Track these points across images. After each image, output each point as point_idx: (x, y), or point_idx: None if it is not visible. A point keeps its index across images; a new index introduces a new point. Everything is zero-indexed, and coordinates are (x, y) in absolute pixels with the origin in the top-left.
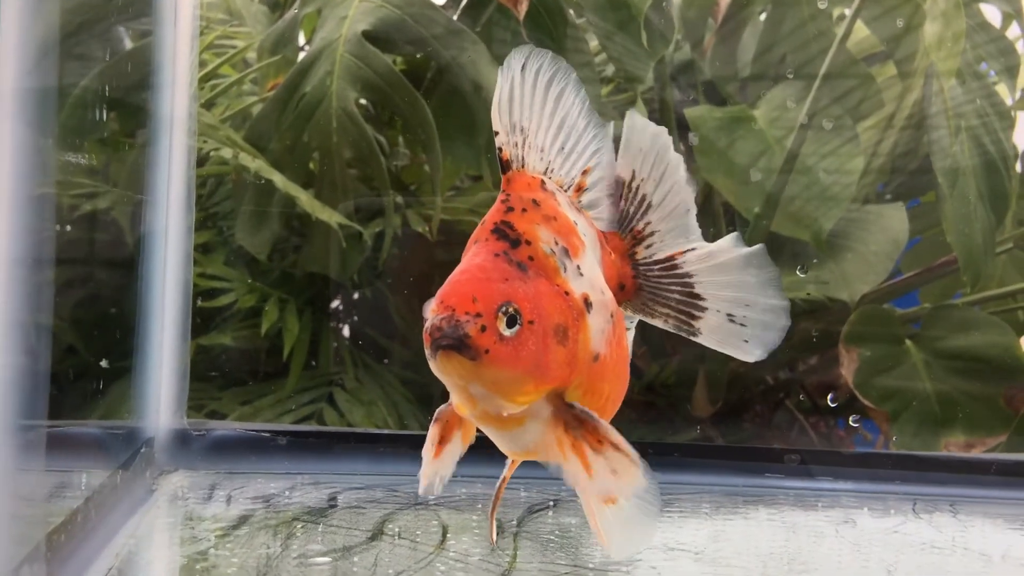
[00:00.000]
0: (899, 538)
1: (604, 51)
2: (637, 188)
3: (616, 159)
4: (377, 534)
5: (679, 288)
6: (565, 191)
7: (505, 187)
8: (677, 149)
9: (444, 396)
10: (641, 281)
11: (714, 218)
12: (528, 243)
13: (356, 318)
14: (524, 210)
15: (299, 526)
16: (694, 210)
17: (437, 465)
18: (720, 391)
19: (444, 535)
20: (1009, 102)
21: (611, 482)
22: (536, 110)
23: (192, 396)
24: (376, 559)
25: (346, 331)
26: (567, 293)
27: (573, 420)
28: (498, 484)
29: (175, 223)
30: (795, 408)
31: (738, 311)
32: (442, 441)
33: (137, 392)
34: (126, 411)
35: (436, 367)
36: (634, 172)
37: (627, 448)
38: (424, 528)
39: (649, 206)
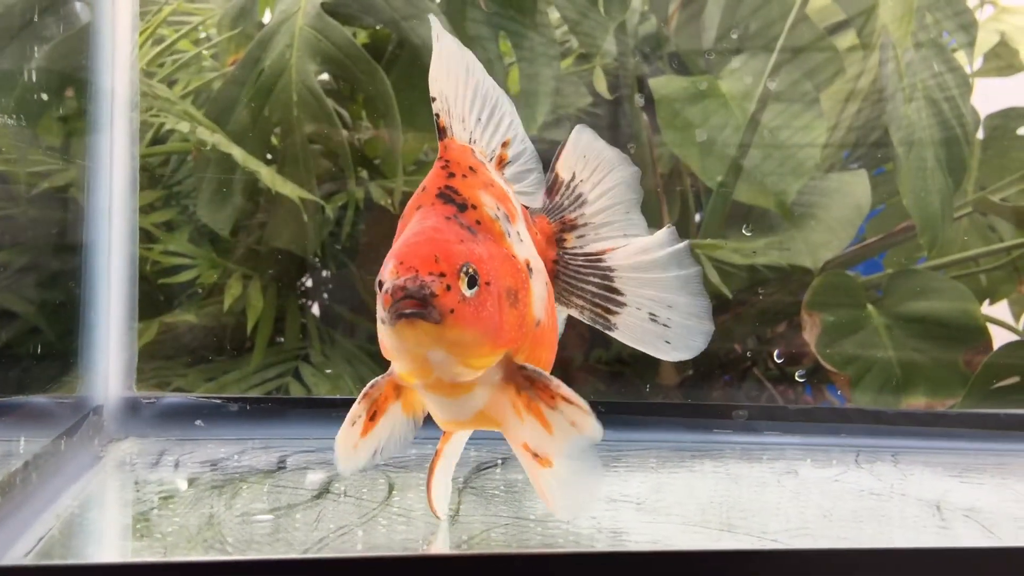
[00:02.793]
0: (839, 486)
1: (563, 20)
2: (575, 188)
3: (557, 160)
4: (323, 492)
5: (597, 281)
6: (489, 162)
7: (443, 153)
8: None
9: None
10: (560, 268)
11: (682, 188)
12: (474, 207)
13: (321, 292)
14: (464, 176)
15: (245, 487)
16: (636, 214)
17: (371, 440)
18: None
19: (390, 492)
20: (968, 70)
21: (573, 435)
22: (453, 78)
23: (158, 373)
24: (319, 515)
25: (313, 306)
26: (514, 257)
27: (524, 381)
28: (433, 459)
29: (119, 197)
30: (762, 375)
31: (661, 312)
32: (374, 417)
33: (85, 362)
34: (73, 381)
35: (395, 331)
36: (574, 174)
37: (579, 400)
38: (370, 487)
39: (584, 202)
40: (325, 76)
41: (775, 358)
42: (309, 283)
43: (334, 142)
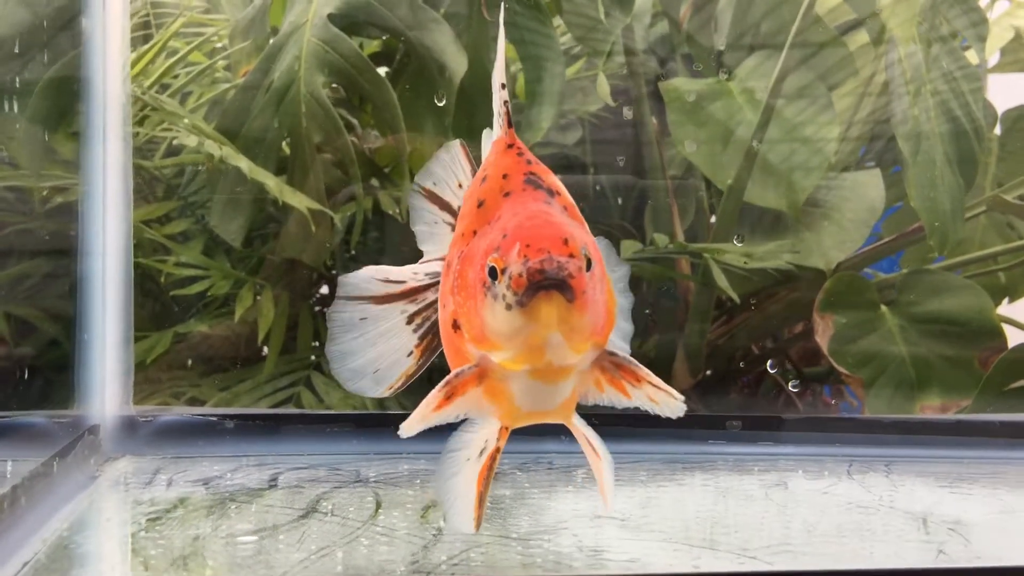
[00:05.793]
0: (827, 499)
1: (567, 27)
2: None
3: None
4: (310, 512)
5: None
6: None
7: (513, 141)
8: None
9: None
10: None
11: (696, 191)
12: (557, 193)
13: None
14: (536, 164)
15: (233, 507)
16: None
17: (441, 416)
18: (699, 363)
19: (376, 510)
20: (981, 67)
21: (650, 405)
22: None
23: (172, 384)
24: (303, 535)
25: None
26: (595, 243)
27: (611, 365)
28: (491, 458)
29: (114, 211)
30: (779, 377)
31: None
32: (449, 397)
33: (81, 381)
34: (69, 400)
35: (529, 310)
36: None
37: (667, 387)
38: (358, 505)
39: None
40: (334, 84)
41: (768, 368)
42: (324, 290)
43: (343, 152)
